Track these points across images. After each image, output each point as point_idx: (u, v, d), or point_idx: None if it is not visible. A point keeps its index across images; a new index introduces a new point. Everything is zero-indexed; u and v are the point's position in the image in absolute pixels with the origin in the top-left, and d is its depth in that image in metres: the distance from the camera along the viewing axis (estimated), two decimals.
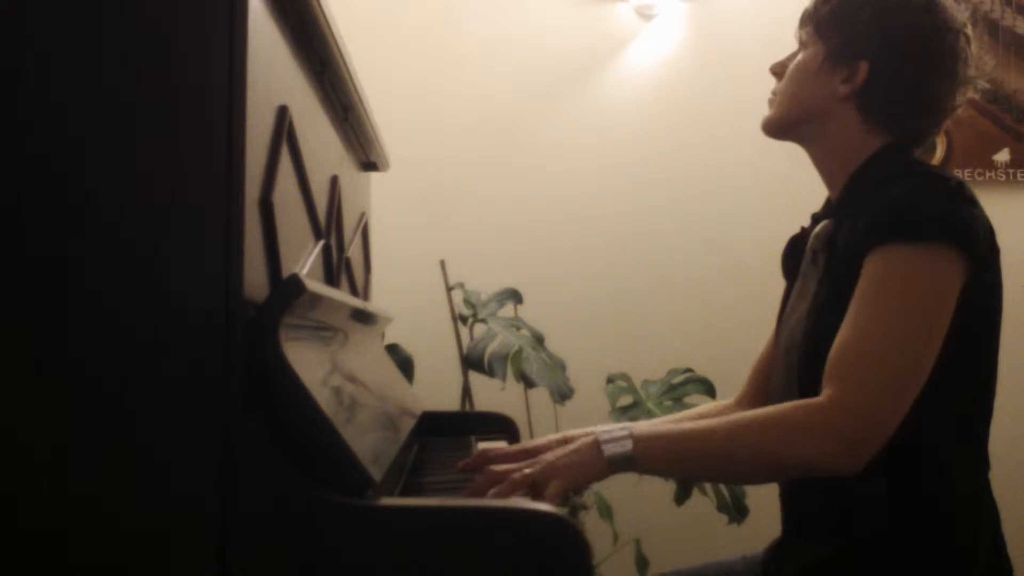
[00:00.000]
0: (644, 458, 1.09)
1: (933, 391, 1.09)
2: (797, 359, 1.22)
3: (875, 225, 1.13)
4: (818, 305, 1.21)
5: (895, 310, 1.09)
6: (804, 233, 1.37)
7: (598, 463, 1.09)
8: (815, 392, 1.12)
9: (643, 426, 1.13)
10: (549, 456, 1.12)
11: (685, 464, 1.14)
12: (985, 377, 1.19)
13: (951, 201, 1.12)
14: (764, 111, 1.34)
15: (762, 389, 1.42)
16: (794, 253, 1.38)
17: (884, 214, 1.12)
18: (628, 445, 1.09)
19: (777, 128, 1.32)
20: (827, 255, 1.24)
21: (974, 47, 1.25)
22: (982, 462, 1.20)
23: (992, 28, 2.77)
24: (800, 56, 1.30)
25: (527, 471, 1.09)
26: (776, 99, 1.32)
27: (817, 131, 1.28)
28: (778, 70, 1.33)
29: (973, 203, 1.14)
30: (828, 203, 1.33)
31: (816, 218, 1.35)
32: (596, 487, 2.29)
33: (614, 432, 1.11)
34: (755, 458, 1.11)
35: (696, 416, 1.50)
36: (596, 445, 1.10)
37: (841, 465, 1.06)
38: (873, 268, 1.12)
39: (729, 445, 1.10)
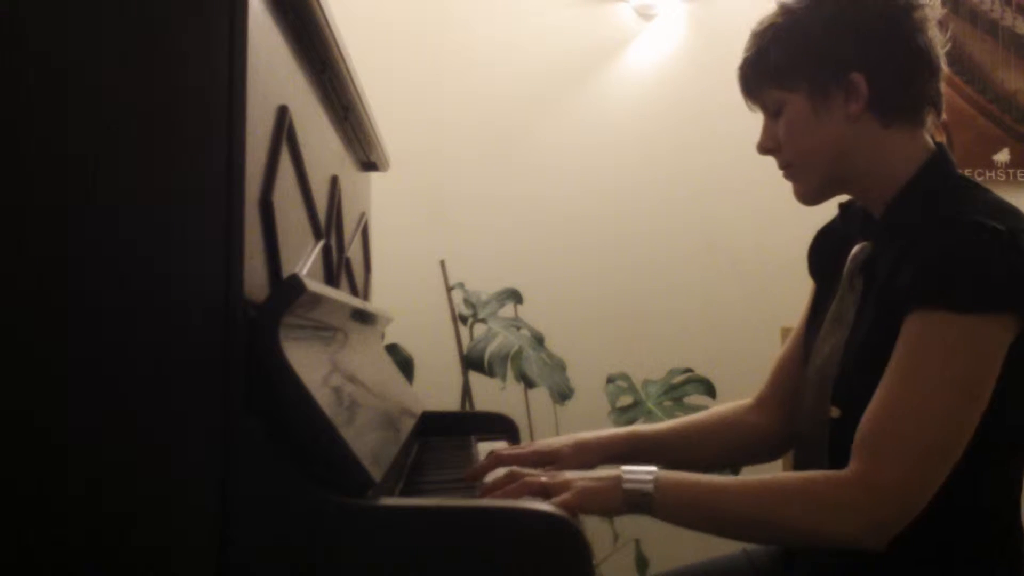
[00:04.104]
0: (662, 503, 1.06)
1: (977, 430, 1.05)
2: (830, 393, 1.18)
3: (919, 285, 1.06)
4: (854, 341, 1.17)
5: (934, 383, 1.04)
6: (834, 227, 1.33)
7: (615, 496, 1.07)
8: (844, 427, 1.09)
9: (669, 472, 1.09)
10: (570, 475, 1.10)
11: (703, 519, 1.09)
12: None
13: (1002, 258, 1.05)
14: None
15: (784, 394, 1.38)
16: (823, 251, 1.33)
17: (933, 275, 1.06)
18: (649, 487, 1.06)
19: (818, 192, 1.24)
20: (865, 280, 1.20)
21: (933, 13, 1.20)
22: (1013, 493, 1.16)
23: (992, 28, 2.77)
24: (784, 118, 1.20)
25: (544, 479, 1.08)
26: (795, 169, 1.23)
27: (851, 166, 1.20)
28: (769, 145, 1.24)
29: None
30: (864, 216, 1.25)
31: (846, 212, 1.30)
32: None
33: (638, 471, 1.08)
34: (775, 529, 1.08)
35: (713, 419, 1.46)
36: (618, 479, 1.08)
37: (865, 544, 1.04)
38: (913, 333, 1.06)
39: (751, 511, 1.07)
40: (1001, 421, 1.10)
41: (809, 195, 1.24)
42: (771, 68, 1.21)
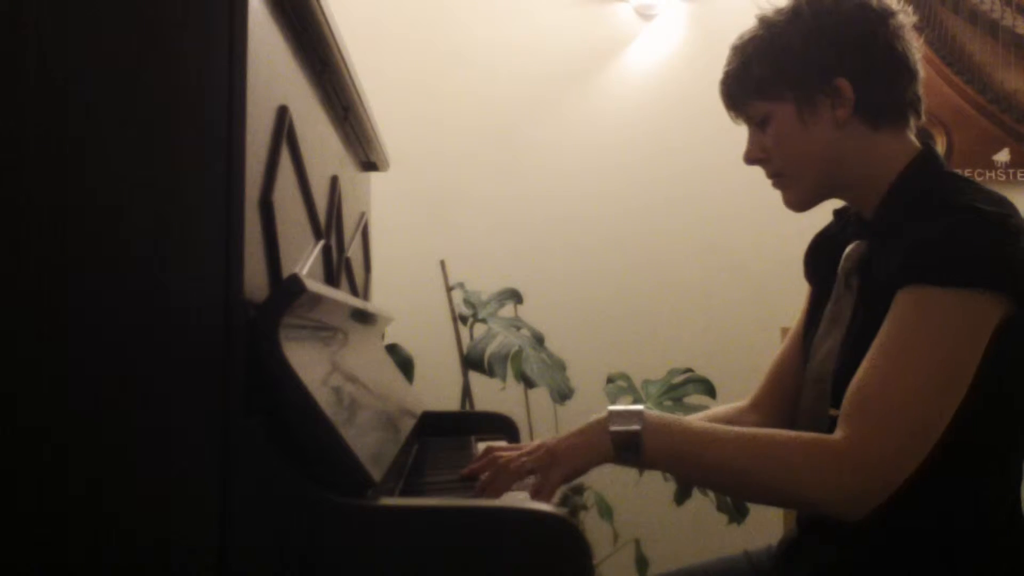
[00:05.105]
0: (650, 444, 1.07)
1: (970, 417, 1.06)
2: (830, 392, 1.19)
3: (910, 263, 1.08)
4: (852, 338, 1.18)
5: (918, 356, 1.05)
6: (829, 233, 1.34)
7: (602, 443, 1.07)
8: None
9: (657, 413, 1.10)
10: (551, 442, 1.11)
11: (688, 464, 1.10)
12: None
13: (992, 241, 1.07)
14: None
15: (780, 394, 1.39)
16: (819, 256, 1.34)
17: (920, 254, 1.08)
18: (636, 426, 1.07)
19: (809, 199, 1.25)
20: (861, 279, 1.21)
21: (907, 20, 1.23)
22: (1013, 482, 1.17)
23: (992, 28, 2.77)
24: (772, 128, 1.23)
25: (525, 459, 1.09)
26: (786, 178, 1.25)
27: (842, 171, 1.22)
28: (757, 155, 1.26)
29: (1017, 234, 1.09)
30: (858, 218, 1.27)
31: (840, 216, 1.31)
32: (596, 487, 2.29)
33: (625, 412, 1.09)
34: (758, 483, 1.08)
35: (710, 419, 1.48)
36: (604, 423, 1.08)
37: (844, 512, 1.05)
38: (903, 307, 1.08)
39: (736, 461, 1.07)
40: (1004, 408, 1.12)
41: (800, 202, 1.26)
42: (755, 80, 1.23)
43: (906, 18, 1.22)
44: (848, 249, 1.26)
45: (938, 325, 1.06)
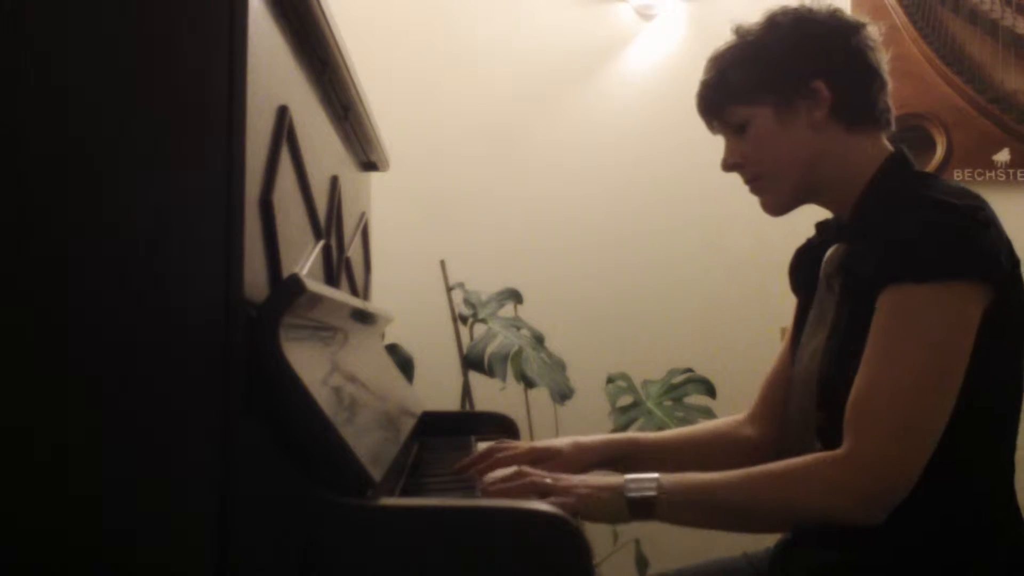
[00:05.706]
0: (666, 506, 1.09)
1: (955, 414, 1.07)
2: (816, 392, 1.21)
3: (888, 263, 1.10)
4: (836, 337, 1.19)
5: (910, 355, 1.07)
6: (811, 245, 1.35)
7: (618, 506, 1.09)
8: (832, 426, 1.12)
9: (670, 476, 1.12)
10: (576, 479, 1.13)
11: (706, 514, 1.13)
12: (1013, 392, 1.17)
13: (965, 233, 1.09)
14: None
15: (775, 407, 1.40)
16: (802, 267, 1.36)
17: (897, 252, 1.10)
18: (652, 492, 1.09)
19: (788, 202, 1.27)
20: (842, 280, 1.22)
21: (877, 34, 1.27)
22: (1006, 475, 1.18)
23: (992, 28, 2.77)
24: (751, 132, 1.25)
25: (548, 480, 1.10)
26: (766, 181, 1.28)
27: (820, 173, 1.24)
28: (735, 160, 1.29)
29: (987, 225, 1.11)
30: (836, 224, 1.29)
31: (821, 228, 1.33)
32: None
33: (642, 478, 1.10)
34: (775, 511, 1.11)
35: (708, 431, 1.49)
36: (621, 488, 1.10)
37: (860, 519, 1.07)
38: (886, 309, 1.09)
39: (750, 498, 1.10)
40: (993, 401, 1.13)
41: (778, 206, 1.29)
42: (735, 86, 1.25)
43: (876, 31, 1.26)
44: (828, 253, 1.28)
45: (922, 321, 1.08)
